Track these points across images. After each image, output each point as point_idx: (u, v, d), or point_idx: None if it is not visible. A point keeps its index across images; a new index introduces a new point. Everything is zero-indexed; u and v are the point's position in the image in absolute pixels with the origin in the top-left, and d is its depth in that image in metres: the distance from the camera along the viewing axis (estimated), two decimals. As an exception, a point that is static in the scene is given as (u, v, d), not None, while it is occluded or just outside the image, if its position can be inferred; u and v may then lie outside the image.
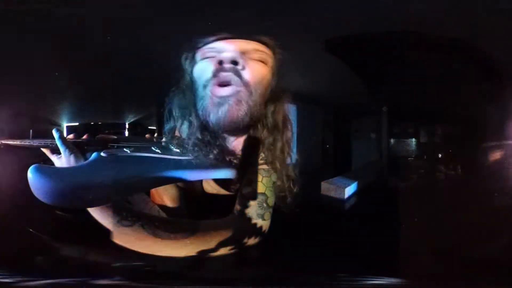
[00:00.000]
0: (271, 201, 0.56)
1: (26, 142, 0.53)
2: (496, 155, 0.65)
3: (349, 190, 0.75)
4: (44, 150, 0.52)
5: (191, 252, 0.50)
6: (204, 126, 0.44)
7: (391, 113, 0.75)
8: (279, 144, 0.50)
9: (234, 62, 0.38)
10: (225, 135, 0.49)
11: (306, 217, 0.70)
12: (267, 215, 0.55)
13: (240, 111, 0.40)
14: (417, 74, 0.66)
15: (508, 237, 0.61)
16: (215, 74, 0.40)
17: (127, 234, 0.46)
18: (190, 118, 0.44)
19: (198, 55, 0.43)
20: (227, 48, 0.38)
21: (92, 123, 0.73)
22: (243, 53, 0.39)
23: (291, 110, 0.63)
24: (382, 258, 0.61)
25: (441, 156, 0.71)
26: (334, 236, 0.65)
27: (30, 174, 0.43)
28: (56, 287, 0.57)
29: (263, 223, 0.55)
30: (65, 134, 0.52)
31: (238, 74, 0.39)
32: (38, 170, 0.43)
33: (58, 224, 0.64)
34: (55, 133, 0.47)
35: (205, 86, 0.41)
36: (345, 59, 0.73)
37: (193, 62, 0.43)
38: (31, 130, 0.64)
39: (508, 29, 0.61)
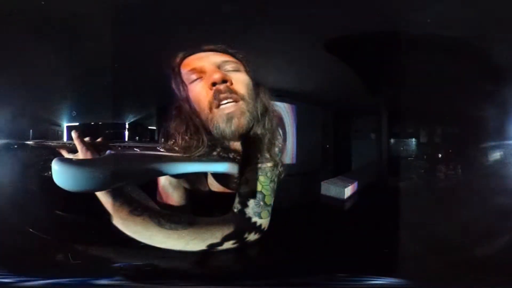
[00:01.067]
0: (268, 199, 0.58)
1: (44, 143, 0.59)
2: (496, 155, 0.65)
3: (349, 190, 0.75)
4: (61, 150, 0.58)
5: (191, 245, 0.53)
6: (209, 137, 0.50)
7: (391, 113, 0.75)
8: (267, 137, 0.54)
9: (224, 81, 0.45)
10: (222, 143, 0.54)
11: (306, 217, 0.70)
12: (265, 214, 0.57)
13: (246, 120, 0.47)
14: (417, 74, 0.66)
15: (509, 237, 0.61)
16: (215, 97, 0.46)
17: (136, 223, 0.52)
18: (198, 135, 0.51)
19: (184, 78, 0.48)
20: (206, 66, 0.44)
21: (92, 123, 0.73)
22: (219, 67, 0.45)
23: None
24: (382, 258, 0.61)
25: (441, 156, 0.71)
26: (334, 236, 0.65)
27: (56, 165, 0.49)
28: (56, 287, 0.57)
29: (262, 221, 0.57)
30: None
31: (232, 90, 0.45)
32: (63, 160, 0.50)
33: (58, 224, 0.64)
34: (73, 134, 0.55)
35: (210, 108, 0.47)
36: (345, 59, 0.73)
37: (183, 86, 0.48)
38: (31, 130, 0.65)
39: (508, 29, 0.61)
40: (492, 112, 0.64)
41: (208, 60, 0.45)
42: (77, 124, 0.72)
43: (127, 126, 0.72)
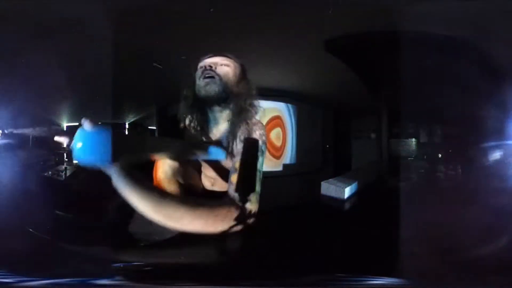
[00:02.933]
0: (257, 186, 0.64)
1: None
2: (496, 155, 0.65)
3: (349, 190, 0.75)
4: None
5: (186, 226, 0.57)
6: (197, 104, 0.66)
7: (391, 113, 0.75)
8: (247, 130, 0.66)
9: (210, 66, 0.65)
10: (210, 115, 0.67)
11: (306, 217, 0.70)
12: (254, 199, 0.63)
13: (217, 88, 0.64)
14: (417, 74, 0.66)
15: (508, 237, 0.61)
16: (203, 71, 0.65)
17: (168, 207, 0.57)
18: (189, 95, 0.67)
19: (197, 67, 0.67)
20: (209, 61, 0.66)
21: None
22: (216, 62, 0.65)
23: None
24: (382, 258, 0.61)
25: (441, 156, 0.71)
26: (334, 236, 0.65)
27: (78, 134, 0.52)
28: (56, 287, 0.57)
29: (251, 207, 0.62)
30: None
31: (214, 70, 0.65)
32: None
33: (58, 224, 0.65)
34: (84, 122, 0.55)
35: (199, 78, 0.66)
36: (345, 59, 0.73)
37: (194, 72, 0.67)
38: (31, 130, 0.65)
39: (508, 29, 0.61)
40: (492, 112, 0.64)
41: (212, 59, 0.66)
42: (76, 124, 0.73)
43: (127, 126, 0.73)
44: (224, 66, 0.63)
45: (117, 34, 0.64)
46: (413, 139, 0.73)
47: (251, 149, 0.64)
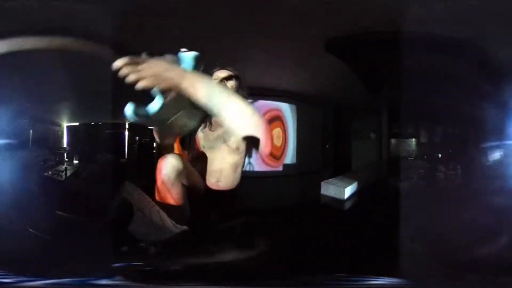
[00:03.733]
0: None
1: None
2: (496, 155, 0.65)
3: (349, 190, 0.75)
4: None
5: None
6: None
7: (391, 113, 0.75)
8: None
9: (223, 80, 0.78)
10: None
11: (305, 217, 0.70)
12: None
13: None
14: (417, 74, 0.66)
15: (508, 237, 0.61)
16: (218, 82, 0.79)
17: None
18: None
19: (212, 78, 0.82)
20: (221, 75, 0.79)
21: (92, 123, 0.73)
22: (225, 77, 0.79)
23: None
24: (382, 258, 0.61)
25: (441, 156, 0.71)
26: (333, 236, 0.65)
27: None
28: (56, 287, 0.57)
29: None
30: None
31: (224, 83, 0.78)
32: None
33: (58, 224, 0.65)
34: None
35: None
36: (345, 60, 0.73)
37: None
38: (31, 130, 0.65)
39: (508, 29, 0.61)
40: (492, 112, 0.64)
41: (222, 73, 0.78)
42: (77, 124, 0.73)
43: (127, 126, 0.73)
44: (230, 79, 0.81)
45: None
46: (413, 139, 0.73)
47: None
